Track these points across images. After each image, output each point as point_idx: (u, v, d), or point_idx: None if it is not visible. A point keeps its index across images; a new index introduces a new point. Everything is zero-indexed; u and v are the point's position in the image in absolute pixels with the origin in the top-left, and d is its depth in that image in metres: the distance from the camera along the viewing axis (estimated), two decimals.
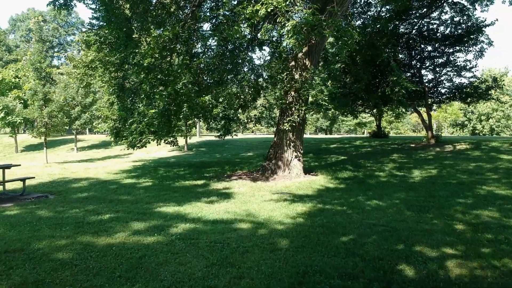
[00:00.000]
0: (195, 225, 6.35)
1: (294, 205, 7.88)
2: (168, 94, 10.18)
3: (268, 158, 12.65)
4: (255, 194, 9.19)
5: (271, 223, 6.44)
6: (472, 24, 17.05)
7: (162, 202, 8.22)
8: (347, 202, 8.19)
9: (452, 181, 10.35)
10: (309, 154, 16.56)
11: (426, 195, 8.80)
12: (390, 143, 19.46)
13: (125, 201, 8.42)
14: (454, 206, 7.71)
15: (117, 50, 11.64)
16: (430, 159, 14.26)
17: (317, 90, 10.54)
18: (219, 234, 5.87)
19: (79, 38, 13.99)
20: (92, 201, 8.41)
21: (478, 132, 48.71)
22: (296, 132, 11.92)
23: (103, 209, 7.56)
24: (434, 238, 5.77)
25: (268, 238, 5.66)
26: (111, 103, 13.37)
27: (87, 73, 14.28)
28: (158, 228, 6.16)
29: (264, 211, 7.32)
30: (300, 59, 11.55)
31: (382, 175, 11.60)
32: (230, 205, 7.91)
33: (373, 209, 7.57)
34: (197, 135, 31.98)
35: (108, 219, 6.72)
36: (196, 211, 7.32)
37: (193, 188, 10.08)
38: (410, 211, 7.45)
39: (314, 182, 10.61)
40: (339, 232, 6.01)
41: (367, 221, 6.71)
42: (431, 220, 6.78)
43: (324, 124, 56.61)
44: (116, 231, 5.99)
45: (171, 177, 12.08)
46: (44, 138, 17.54)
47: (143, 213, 7.18)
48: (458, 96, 19.07)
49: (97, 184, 10.74)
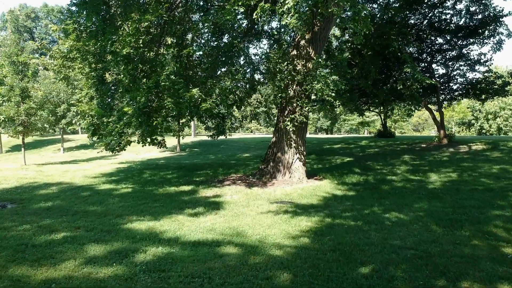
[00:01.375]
0: (170, 249, 4.92)
1: (296, 219, 6.45)
2: (147, 87, 8.76)
3: (266, 160, 11.20)
4: (250, 203, 7.76)
5: (267, 246, 5.01)
6: (489, 14, 15.62)
7: (136, 214, 6.78)
8: (361, 214, 6.76)
9: (479, 187, 8.93)
10: (311, 155, 15.14)
11: (454, 205, 7.38)
12: (398, 143, 18.03)
13: (92, 213, 6.98)
14: (492, 221, 6.29)
15: (93, 37, 10.21)
16: (446, 160, 12.84)
17: (322, 83, 9.13)
18: (199, 263, 4.45)
19: (57, 27, 12.48)
20: (53, 213, 6.97)
21: (485, 131, 47.26)
22: (298, 130, 10.49)
23: (60, 224, 6.12)
24: (482, 268, 4.37)
25: (263, 269, 4.24)
26: (90, 97, 11.92)
27: (65, 65, 12.81)
28: (120, 254, 4.73)
29: (260, 228, 5.89)
30: (303, 47, 10.12)
31: (395, 179, 10.17)
32: (218, 219, 6.48)
33: (394, 225, 6.14)
34: (192, 135, 30.53)
35: (61, 240, 5.29)
36: (174, 228, 5.89)
37: (178, 195, 8.65)
38: (440, 226, 6.04)
39: (319, 188, 9.18)
40: (356, 260, 4.59)
41: (390, 242, 5.29)
42: (470, 241, 5.37)
43: (325, 124, 55.18)
44: (65, 259, 4.57)
45: (156, 182, 10.64)
46: (22, 138, 16.09)
47: (107, 231, 5.74)
48: (471, 93, 17.62)
49: (67, 191, 9.30)
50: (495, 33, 15.80)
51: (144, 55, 10.38)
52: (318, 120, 55.15)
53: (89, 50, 11.48)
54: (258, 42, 13.93)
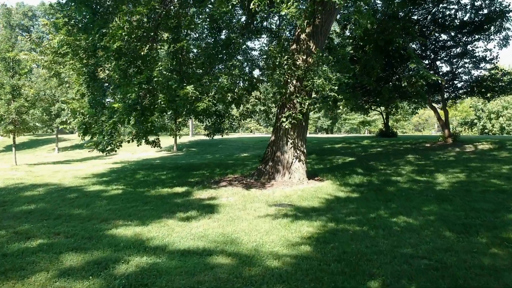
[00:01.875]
0: (156, 259, 4.41)
1: (297, 223, 5.94)
2: (138, 83, 8.26)
3: (264, 160, 10.69)
4: (246, 206, 7.24)
5: (264, 256, 4.49)
6: (495, 8, 15.11)
7: (123, 219, 6.27)
8: (366, 218, 6.25)
9: (490, 188, 8.42)
10: (311, 155, 14.62)
11: (465, 208, 6.87)
12: (401, 143, 17.52)
13: (76, 216, 6.47)
14: (510, 226, 5.78)
15: (83, 30, 9.71)
16: (452, 160, 12.34)
17: (323, 79, 8.61)
18: (187, 275, 3.94)
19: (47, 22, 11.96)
20: (34, 217, 6.45)
21: (487, 131, 46.65)
22: (298, 129, 9.98)
23: (39, 230, 5.61)
24: (507, 282, 3.88)
25: (259, 283, 3.74)
26: (82, 94, 11.39)
27: (56, 61, 12.29)
28: (100, 264, 4.22)
29: (256, 234, 5.37)
30: (303, 41, 9.61)
31: (401, 180, 9.66)
32: (211, 224, 5.96)
33: (403, 230, 5.63)
34: (190, 134, 29.98)
35: (36, 248, 4.78)
36: (163, 234, 5.37)
37: (171, 197, 8.13)
38: (453, 232, 5.53)
39: (320, 190, 8.66)
40: (364, 271, 4.08)
41: (400, 250, 4.78)
42: (488, 249, 4.86)
43: (325, 124, 54.65)
44: (36, 271, 4.06)
45: (149, 183, 10.12)
46: (13, 137, 15.57)
47: (89, 237, 5.23)
48: (476, 91, 17.11)
49: (54, 192, 8.78)
50: (502, 29, 15.30)
51: (137, 49, 9.87)
52: (318, 119, 54.61)
53: (80, 45, 10.99)
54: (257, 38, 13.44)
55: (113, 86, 9.75)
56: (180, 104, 9.26)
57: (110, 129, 8.56)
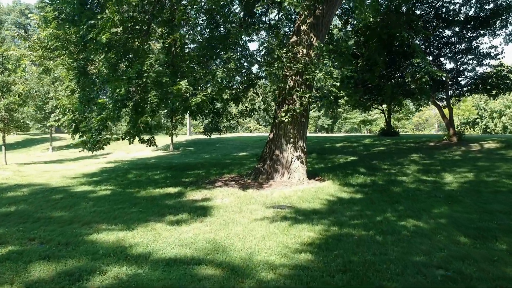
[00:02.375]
0: (137, 270, 3.89)
1: (296, 227, 5.43)
2: (128, 77, 7.75)
3: (262, 159, 10.16)
4: (242, 208, 6.73)
5: (259, 266, 3.98)
6: (501, 3, 14.59)
7: (107, 222, 5.75)
8: (373, 222, 5.74)
9: (501, 188, 7.92)
10: (312, 154, 14.10)
11: (478, 210, 6.37)
12: (404, 142, 17.00)
13: (57, 219, 5.95)
14: None
15: (71, 22, 9.22)
16: (458, 160, 11.83)
17: (325, 72, 8.11)
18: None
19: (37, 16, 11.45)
20: (11, 220, 5.94)
21: (490, 130, 46.10)
22: (298, 126, 9.47)
23: (13, 235, 5.09)
24: None
25: None
26: (72, 90, 10.88)
27: (46, 56, 11.76)
28: (72, 276, 3.71)
29: (252, 240, 4.86)
30: (304, 32, 9.10)
31: (406, 180, 9.15)
32: (203, 228, 5.44)
33: (413, 235, 5.12)
34: (187, 133, 29.42)
35: (4, 256, 4.27)
36: (148, 240, 4.86)
37: (162, 199, 7.61)
38: (468, 237, 5.02)
39: (321, 191, 8.15)
40: (373, 284, 3.59)
41: (411, 258, 4.27)
42: (510, 256, 4.35)
43: (326, 123, 54.13)
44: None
45: (141, 183, 9.60)
46: (3, 136, 15.04)
47: (66, 243, 4.71)
48: (481, 88, 16.58)
49: (39, 193, 8.27)
50: (508, 24, 14.78)
51: (128, 42, 9.37)
52: (318, 118, 54.08)
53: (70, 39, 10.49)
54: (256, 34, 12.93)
55: (101, 80, 9.23)
56: (174, 101, 8.75)
57: (98, 126, 8.04)
